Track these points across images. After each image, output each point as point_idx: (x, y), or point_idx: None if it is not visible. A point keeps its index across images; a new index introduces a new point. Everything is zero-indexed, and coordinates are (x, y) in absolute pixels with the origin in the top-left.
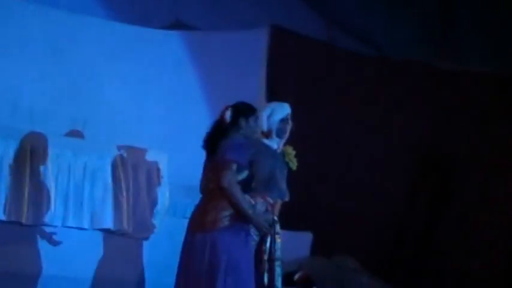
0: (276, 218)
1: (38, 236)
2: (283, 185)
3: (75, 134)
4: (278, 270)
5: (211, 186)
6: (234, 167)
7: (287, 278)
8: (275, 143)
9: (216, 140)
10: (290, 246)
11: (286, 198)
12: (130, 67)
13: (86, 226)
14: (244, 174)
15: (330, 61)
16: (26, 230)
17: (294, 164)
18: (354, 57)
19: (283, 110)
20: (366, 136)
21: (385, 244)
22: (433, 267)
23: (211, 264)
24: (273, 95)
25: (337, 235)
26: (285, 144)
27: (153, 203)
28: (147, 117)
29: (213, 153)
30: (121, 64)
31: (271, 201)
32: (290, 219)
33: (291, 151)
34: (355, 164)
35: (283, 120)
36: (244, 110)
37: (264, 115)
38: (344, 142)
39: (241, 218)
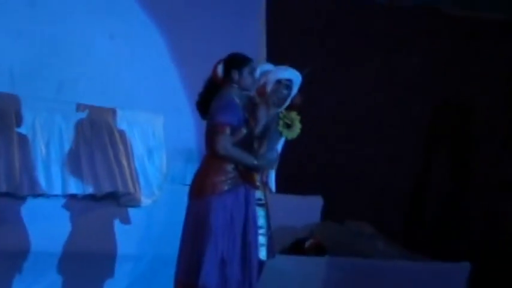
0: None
1: (24, 210)
2: (268, 153)
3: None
4: (261, 240)
5: (209, 150)
6: (228, 130)
7: (297, 245)
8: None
9: (207, 100)
10: (299, 211)
11: (270, 168)
12: (120, 21)
13: (91, 191)
14: (242, 133)
15: (332, 9)
16: (9, 203)
17: (292, 132)
18: (358, 5)
19: (285, 72)
20: (374, 89)
21: (402, 207)
22: (454, 231)
23: (204, 227)
24: (274, 47)
25: (349, 198)
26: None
27: (151, 168)
28: (141, 76)
29: (206, 115)
30: (110, 18)
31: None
32: (298, 182)
33: (294, 116)
34: (364, 119)
35: (280, 82)
36: (236, 61)
37: (260, 68)
38: (351, 96)
39: (245, 178)
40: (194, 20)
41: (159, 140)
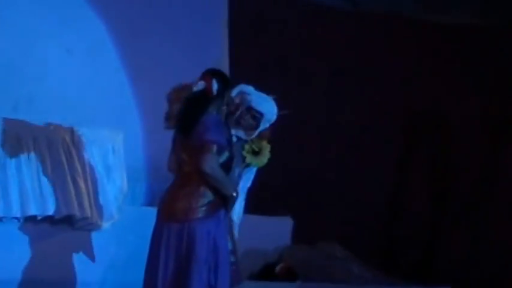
0: None
1: None
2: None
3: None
4: None
5: (187, 170)
6: (215, 148)
7: (267, 270)
8: (232, 128)
9: (196, 116)
10: (268, 233)
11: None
12: (78, 35)
13: (50, 213)
14: (225, 156)
15: (297, 18)
16: None
17: (258, 160)
18: (325, 12)
19: (261, 104)
20: (344, 102)
21: (377, 227)
22: (433, 252)
23: (188, 255)
24: (236, 56)
25: (320, 219)
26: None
27: (110, 188)
28: (99, 92)
29: (189, 131)
30: (66, 32)
31: None
32: (266, 203)
33: (264, 145)
34: (335, 134)
35: (250, 109)
36: (228, 82)
37: (240, 88)
38: (319, 110)
39: (221, 204)
40: (152, 33)
41: (119, 158)
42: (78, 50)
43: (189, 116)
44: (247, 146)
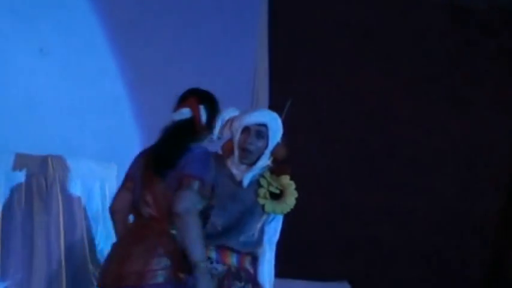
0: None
1: None
2: (249, 233)
3: None
4: None
5: (147, 215)
6: (197, 186)
7: None
8: (235, 168)
9: (178, 153)
10: None
11: (255, 252)
12: (55, 28)
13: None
14: (203, 203)
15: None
16: None
17: (281, 206)
18: (421, 5)
19: (254, 114)
20: (429, 131)
21: None
22: None
23: None
24: (282, 60)
25: (385, 285)
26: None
27: (97, 243)
28: (83, 108)
29: (166, 169)
30: (39, 24)
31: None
32: (315, 264)
33: (285, 182)
34: (409, 172)
35: (248, 130)
36: (218, 107)
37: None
38: (391, 142)
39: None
40: (161, 28)
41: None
42: (55, 49)
43: (169, 151)
44: (262, 191)
